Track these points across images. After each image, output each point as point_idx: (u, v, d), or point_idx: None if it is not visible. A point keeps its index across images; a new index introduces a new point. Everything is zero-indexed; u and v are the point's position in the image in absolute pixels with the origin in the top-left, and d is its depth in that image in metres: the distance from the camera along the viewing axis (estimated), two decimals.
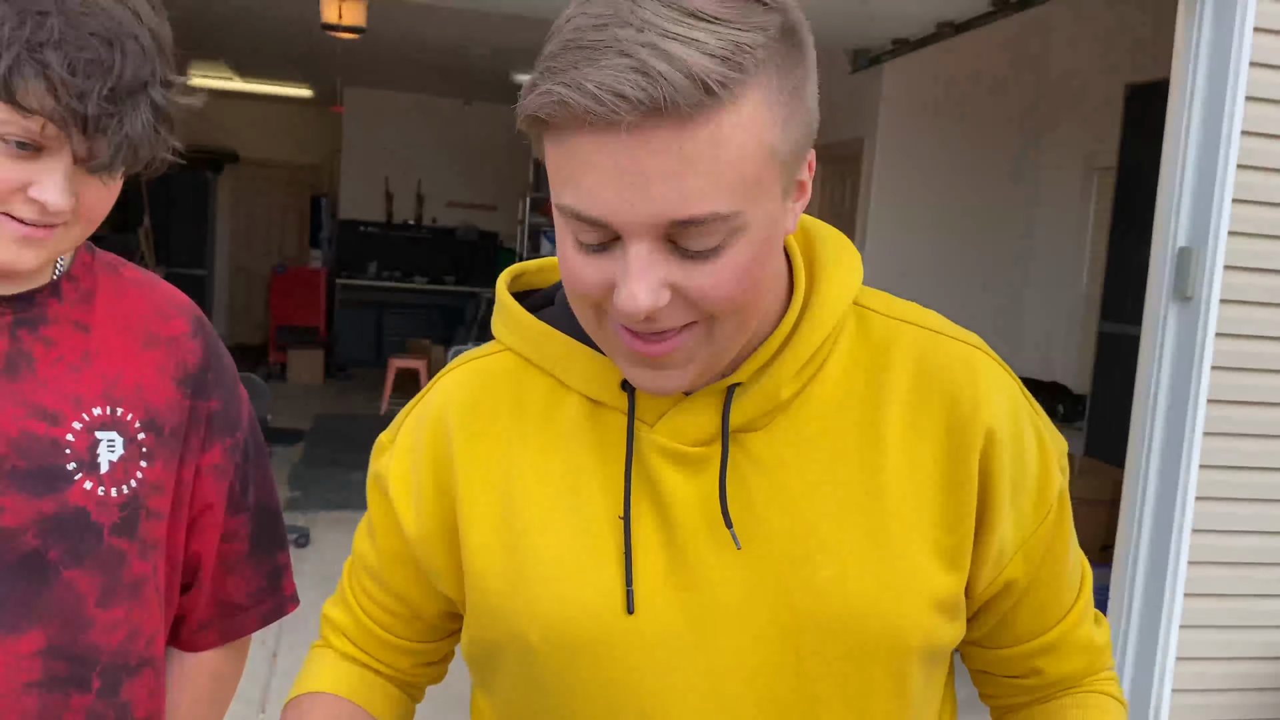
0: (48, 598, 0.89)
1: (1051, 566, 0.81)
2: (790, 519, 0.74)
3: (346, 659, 0.90)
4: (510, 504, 0.78)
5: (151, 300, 1.00)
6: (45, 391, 0.90)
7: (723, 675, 0.75)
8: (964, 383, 0.77)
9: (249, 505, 1.05)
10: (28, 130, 0.80)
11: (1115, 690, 0.88)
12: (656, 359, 0.69)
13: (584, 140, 0.63)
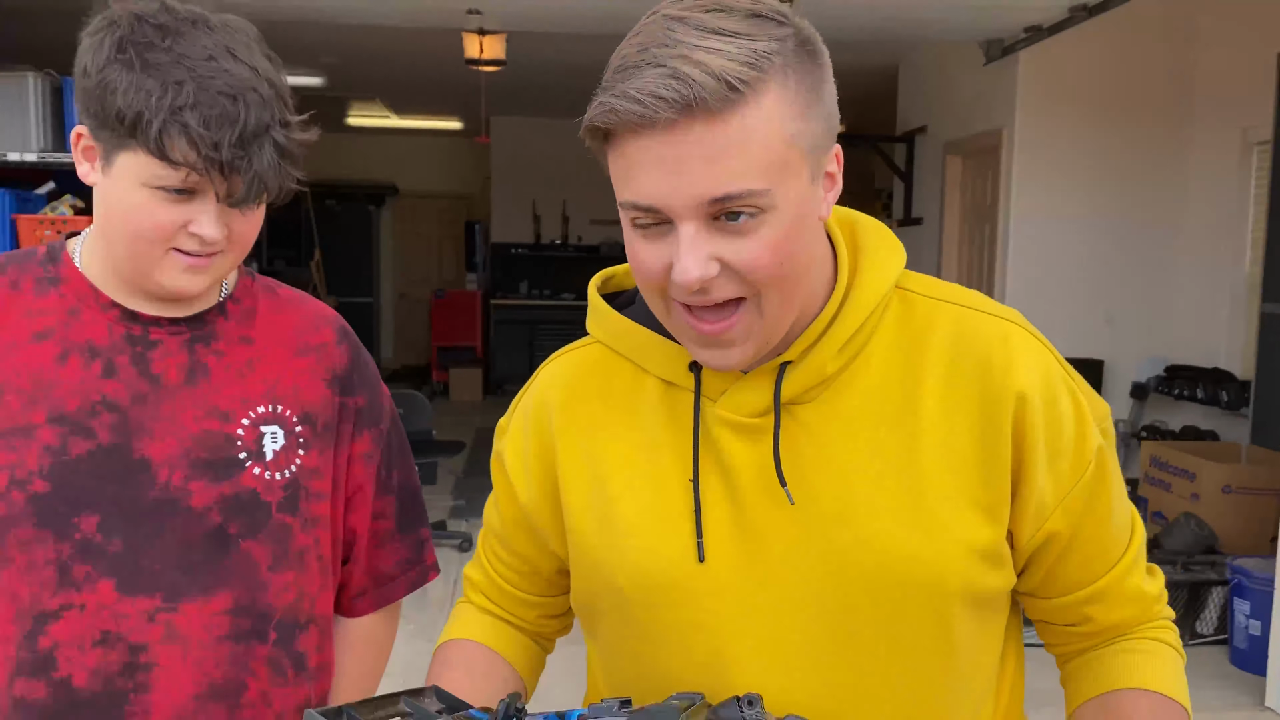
0: (231, 565, 1.07)
1: (1094, 520, 0.89)
2: (836, 480, 0.85)
3: (483, 612, 1.06)
4: (600, 472, 0.91)
5: (302, 314, 1.19)
6: (219, 395, 1.09)
7: (780, 616, 0.86)
8: (996, 353, 0.86)
9: (394, 487, 1.22)
10: (180, 180, 0.98)
11: (1169, 637, 0.94)
12: (717, 336, 0.81)
13: (632, 142, 0.76)
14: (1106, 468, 0.89)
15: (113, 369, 1.06)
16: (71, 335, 1.06)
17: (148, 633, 1.04)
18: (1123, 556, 0.92)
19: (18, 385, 1.04)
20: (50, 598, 1.02)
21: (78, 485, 1.03)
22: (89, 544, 1.03)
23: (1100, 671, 0.93)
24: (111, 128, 0.98)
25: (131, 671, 1.04)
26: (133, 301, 1.08)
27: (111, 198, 1.02)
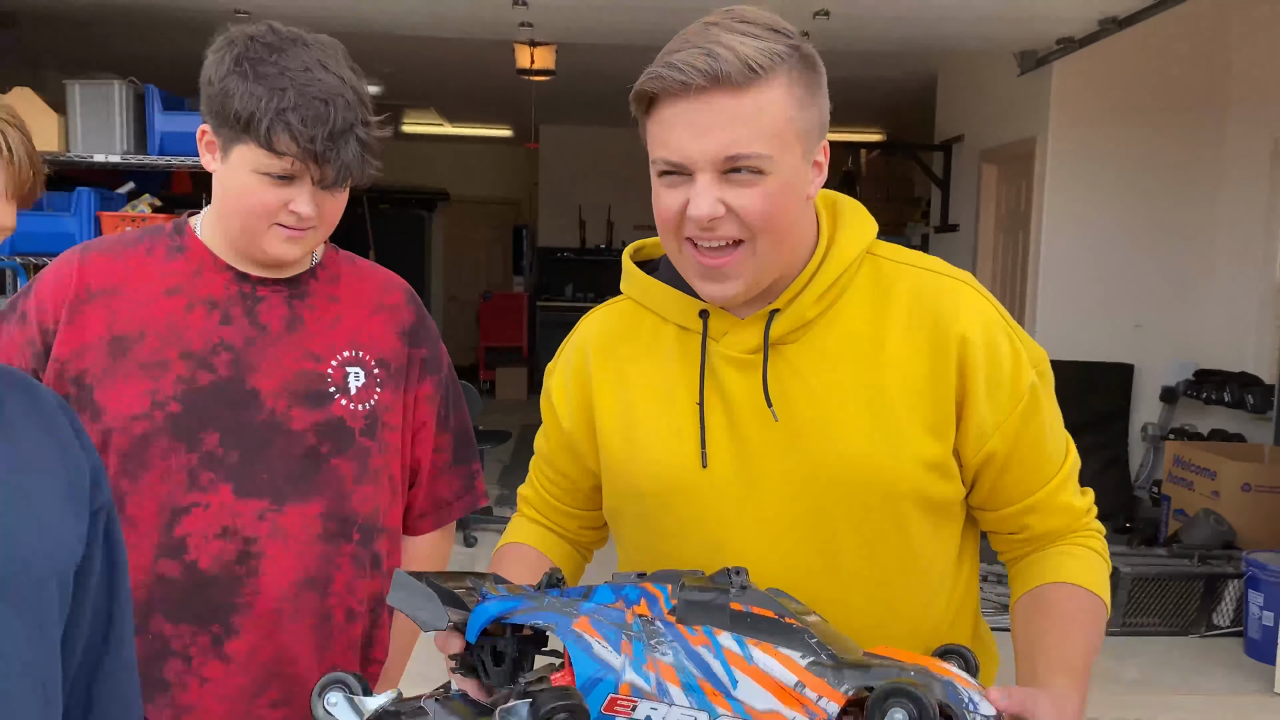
0: (323, 478, 1.32)
1: (1028, 443, 1.09)
2: (813, 404, 1.07)
3: (534, 523, 1.29)
4: (626, 400, 1.14)
5: (378, 280, 1.44)
6: (312, 342, 1.34)
7: (767, 513, 1.08)
8: (946, 305, 1.08)
9: (451, 427, 1.47)
10: (283, 167, 1.23)
11: (1094, 544, 1.15)
12: (718, 269, 1.03)
13: (669, 107, 0.99)
14: (1039, 401, 1.10)
15: (229, 318, 1.32)
16: (196, 291, 1.32)
17: (258, 529, 1.29)
18: (1055, 476, 1.12)
19: (156, 329, 1.30)
20: (182, 496, 1.28)
21: (203, 408, 1.29)
22: (212, 455, 1.29)
23: (1035, 570, 1.13)
24: (230, 125, 1.23)
25: (245, 559, 1.29)
26: (243, 265, 1.33)
27: (228, 182, 1.27)
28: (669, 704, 0.87)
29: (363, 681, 0.92)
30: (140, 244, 1.35)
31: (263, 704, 1.31)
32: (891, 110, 8.85)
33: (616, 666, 0.89)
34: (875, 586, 1.08)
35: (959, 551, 1.16)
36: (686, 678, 0.87)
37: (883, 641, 1.00)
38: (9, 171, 0.93)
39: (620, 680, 0.88)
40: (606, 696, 0.88)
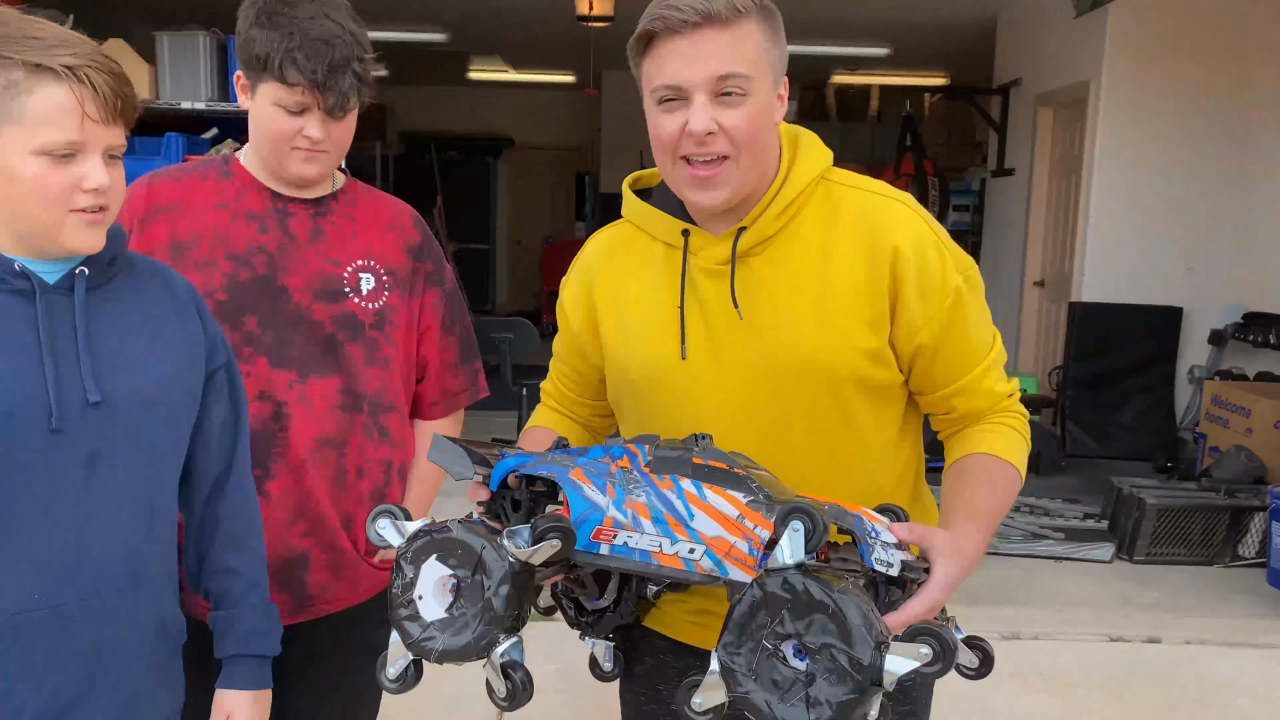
0: (338, 359, 1.61)
1: (953, 336, 1.30)
2: (772, 305, 1.28)
3: (552, 410, 1.53)
4: (622, 306, 1.37)
5: (389, 204, 1.73)
6: (333, 250, 1.63)
7: (734, 395, 1.30)
8: (883, 220, 1.28)
9: (456, 332, 1.76)
10: (295, 99, 1.51)
11: (1012, 422, 1.34)
12: (709, 179, 1.23)
13: (667, 43, 1.20)
14: (964, 300, 1.30)
15: (265, 227, 1.61)
16: (239, 206, 1.61)
17: (287, 394, 1.59)
18: (978, 365, 1.32)
19: (207, 236, 1.59)
20: None
21: (243, 298, 1.58)
22: (252, 335, 1.59)
23: (959, 445, 1.35)
24: (253, 67, 1.53)
25: (277, 418, 1.59)
26: (276, 187, 1.62)
27: (256, 116, 1.56)
28: (641, 533, 1.09)
29: (405, 511, 1.17)
30: (196, 171, 1.65)
31: (294, 534, 1.61)
32: (955, 54, 8.82)
33: (602, 505, 1.10)
34: (824, 456, 1.30)
35: (900, 430, 1.37)
36: (655, 513, 1.09)
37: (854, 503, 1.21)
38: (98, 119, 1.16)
39: (604, 516, 1.10)
40: (594, 528, 1.10)
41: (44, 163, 1.14)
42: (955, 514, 1.25)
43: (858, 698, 0.97)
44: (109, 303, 1.26)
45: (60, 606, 1.20)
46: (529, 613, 1.12)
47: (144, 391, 1.26)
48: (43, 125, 1.13)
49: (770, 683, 1.00)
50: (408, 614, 1.12)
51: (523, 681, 1.10)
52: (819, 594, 0.98)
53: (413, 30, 8.25)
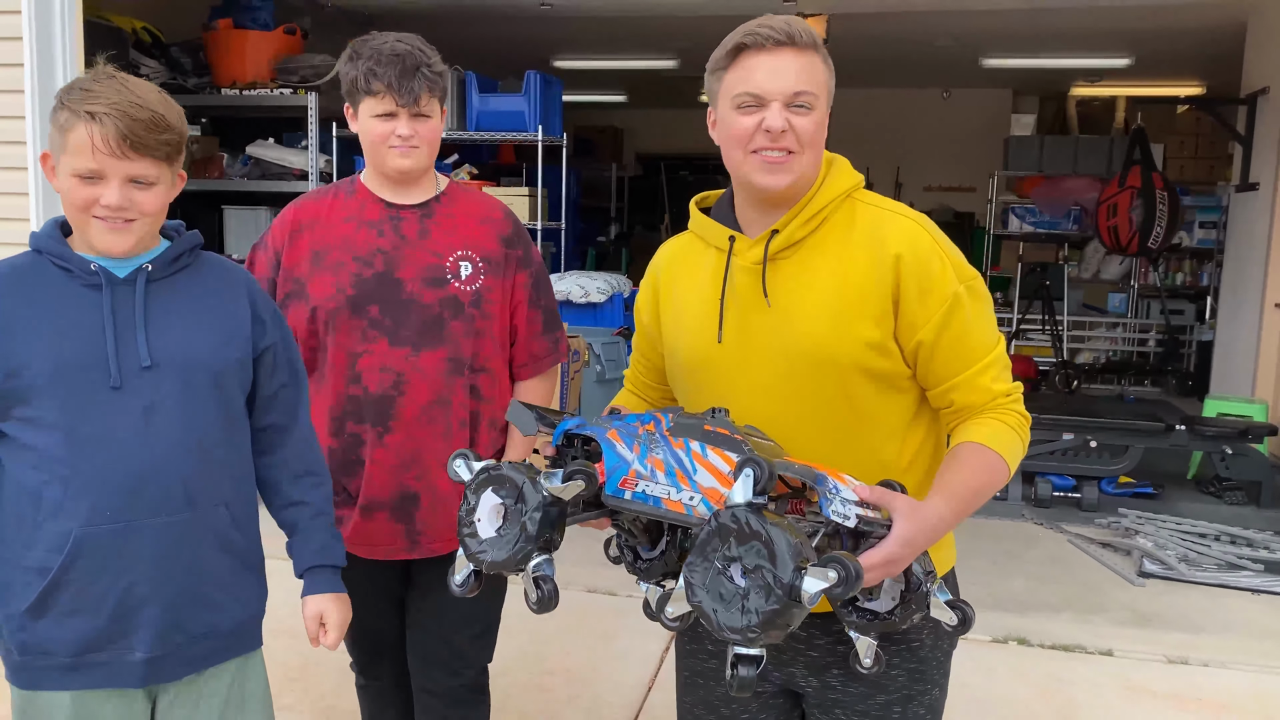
0: (444, 334, 2.01)
1: (950, 336, 1.47)
2: (793, 301, 1.51)
3: (630, 392, 1.82)
4: (679, 300, 1.64)
5: (485, 202, 2.13)
6: (436, 245, 2.03)
7: (759, 379, 1.53)
8: (891, 232, 1.49)
9: (541, 306, 2.14)
10: (384, 106, 1.93)
11: (1006, 417, 1.49)
12: (779, 164, 1.47)
13: (754, 56, 1.45)
14: (963, 304, 1.47)
15: (382, 232, 2.04)
16: (361, 216, 2.05)
17: (404, 366, 2.01)
18: (976, 364, 1.49)
19: (338, 244, 2.03)
20: (358, 346, 2.02)
21: (367, 292, 2.01)
22: (375, 320, 2.01)
23: (955, 435, 1.51)
24: (351, 93, 1.98)
25: (397, 385, 2.01)
26: (390, 197, 2.04)
27: (362, 132, 2.00)
28: (655, 482, 1.33)
29: (476, 455, 1.45)
30: (330, 192, 2.11)
31: (409, 477, 2.03)
32: (1201, 62, 8.31)
33: (629, 460, 1.36)
34: (830, 431, 1.51)
35: (910, 418, 1.55)
36: (668, 467, 1.33)
37: (837, 469, 1.42)
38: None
39: (630, 468, 1.35)
40: (621, 477, 1.36)
41: (76, 182, 1.50)
42: (932, 490, 1.43)
43: (779, 609, 1.16)
44: (170, 291, 1.60)
45: (131, 521, 1.53)
46: (560, 539, 1.38)
47: (191, 358, 1.59)
48: (75, 155, 1.49)
49: (718, 595, 1.21)
50: (469, 532, 1.40)
51: (550, 592, 1.35)
52: (756, 525, 1.19)
53: (647, 58, 8.77)
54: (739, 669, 1.23)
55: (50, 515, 1.53)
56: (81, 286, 1.55)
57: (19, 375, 1.51)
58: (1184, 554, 4.35)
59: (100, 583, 1.54)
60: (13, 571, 1.56)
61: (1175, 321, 8.84)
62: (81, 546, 1.52)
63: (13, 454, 1.55)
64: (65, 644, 1.56)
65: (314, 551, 1.76)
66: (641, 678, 3.33)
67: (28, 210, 4.42)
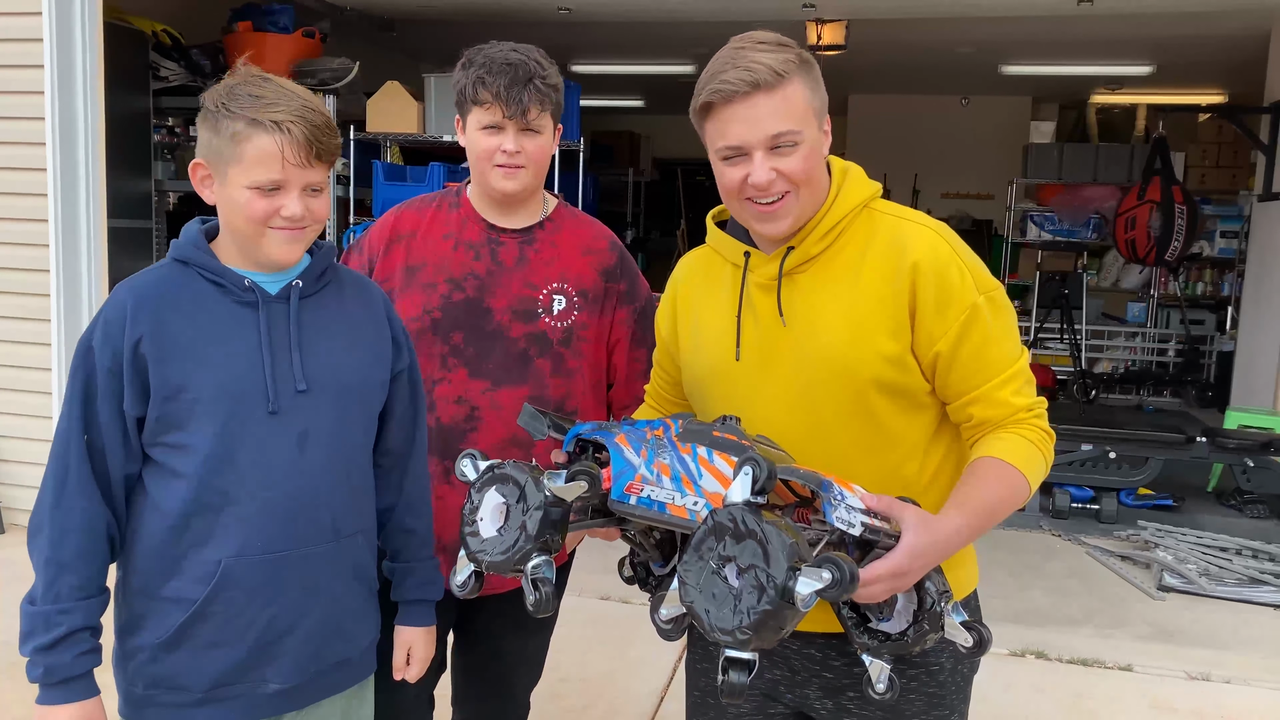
0: (528, 371, 1.89)
1: (969, 348, 1.42)
2: (810, 315, 1.47)
3: (650, 407, 1.78)
4: (696, 315, 1.60)
5: (590, 229, 2.00)
6: (532, 275, 1.91)
7: (776, 393, 1.49)
8: (910, 242, 1.45)
9: (647, 345, 1.97)
10: (491, 117, 1.80)
11: (1026, 432, 1.43)
12: (772, 213, 1.44)
13: (724, 110, 1.40)
14: (982, 316, 1.42)
15: (479, 255, 1.91)
16: (461, 236, 1.92)
17: (480, 400, 1.89)
18: (995, 377, 1.43)
19: (433, 261, 1.91)
20: (436, 372, 1.89)
21: (455, 315, 1.88)
22: (457, 348, 1.89)
23: (974, 450, 1.46)
24: (461, 103, 1.85)
25: (470, 420, 1.89)
26: (492, 218, 1.92)
27: (468, 146, 1.86)
28: (660, 487, 1.30)
29: (483, 455, 1.41)
30: (433, 203, 1.97)
31: None
32: (1224, 70, 8.23)
33: (635, 465, 1.33)
34: (849, 446, 1.47)
35: (932, 435, 1.50)
36: (674, 472, 1.30)
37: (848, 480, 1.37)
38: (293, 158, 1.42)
39: (636, 473, 1.33)
40: (627, 482, 1.33)
41: (254, 194, 1.43)
42: (947, 504, 1.38)
43: (772, 610, 1.12)
44: (318, 309, 1.54)
45: (279, 551, 1.47)
46: (561, 542, 1.35)
47: (342, 382, 1.53)
48: (255, 166, 1.42)
49: (710, 594, 1.18)
50: (470, 531, 1.38)
51: (548, 594, 1.32)
52: (753, 525, 1.16)
53: (665, 64, 8.75)
54: (729, 674, 1.19)
55: (196, 544, 1.46)
56: (234, 304, 1.48)
57: (177, 399, 1.43)
58: (1205, 568, 4.29)
59: (245, 615, 1.48)
60: (147, 602, 1.48)
61: (1195, 331, 8.76)
62: (230, 577, 1.46)
63: (158, 480, 1.46)
64: (201, 677, 1.49)
65: (416, 585, 1.74)
66: (656, 686, 3.30)
67: (46, 211, 4.44)
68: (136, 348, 1.42)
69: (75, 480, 1.43)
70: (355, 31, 6.68)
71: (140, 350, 1.43)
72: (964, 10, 6.34)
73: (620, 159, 11.29)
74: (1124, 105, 9.92)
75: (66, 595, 1.42)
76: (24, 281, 4.55)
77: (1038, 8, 5.93)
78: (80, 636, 1.43)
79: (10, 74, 4.46)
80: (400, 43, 7.36)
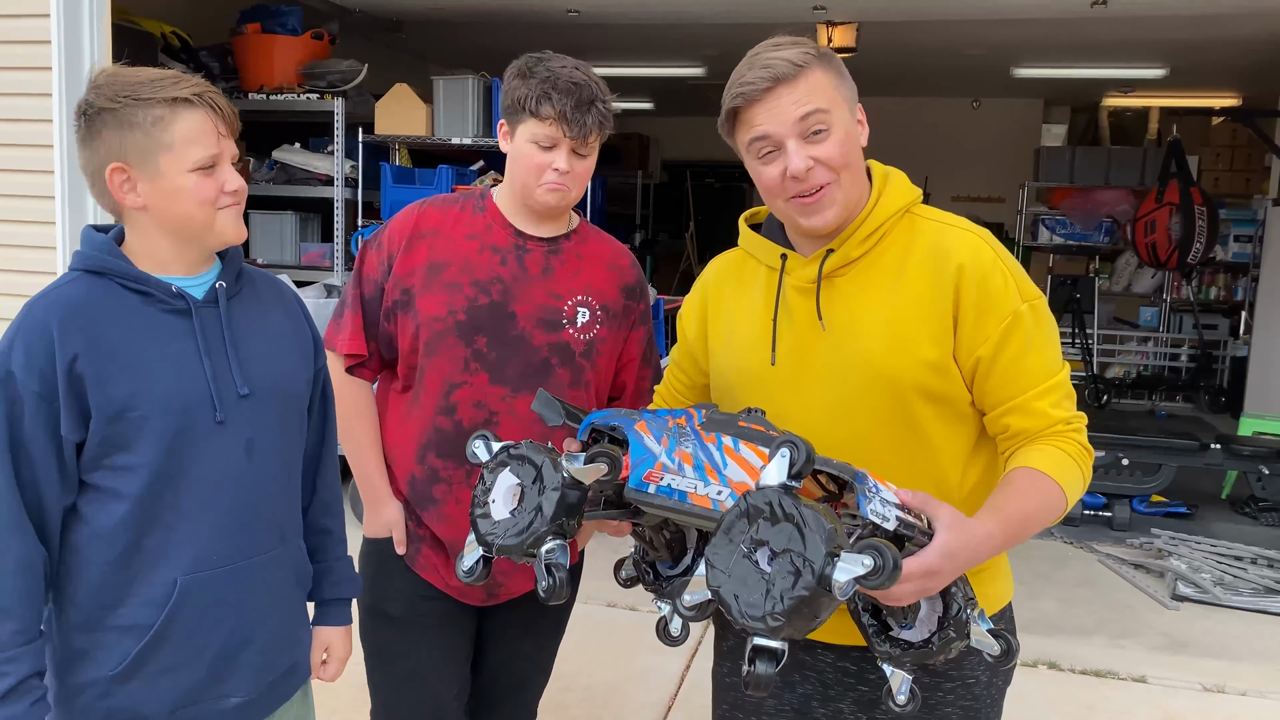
0: (549, 380, 1.85)
1: (1009, 354, 1.39)
2: (849, 320, 1.44)
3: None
4: (728, 318, 1.58)
5: (613, 247, 1.98)
6: (557, 285, 1.87)
7: (814, 399, 1.46)
8: (953, 245, 1.42)
9: (652, 364, 1.98)
10: (548, 134, 1.76)
11: (1064, 444, 1.39)
12: (816, 204, 1.41)
13: (750, 109, 1.39)
14: (1024, 323, 1.39)
15: (505, 261, 1.86)
16: (487, 239, 1.87)
17: (499, 406, 1.85)
18: (1034, 387, 1.40)
19: (457, 262, 1.86)
20: (457, 375, 1.85)
21: (478, 319, 1.84)
22: (479, 352, 1.85)
23: (1010, 462, 1.42)
24: (514, 111, 1.79)
25: (488, 425, 1.85)
26: (520, 224, 1.88)
27: (514, 154, 1.82)
28: (682, 476, 1.25)
29: (495, 436, 1.38)
30: (457, 203, 1.93)
31: None
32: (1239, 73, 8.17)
33: (656, 452, 1.28)
34: (888, 454, 1.43)
35: (971, 450, 1.47)
36: (696, 461, 1.25)
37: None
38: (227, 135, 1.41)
39: (656, 460, 1.27)
40: (646, 470, 1.27)
41: (198, 176, 1.37)
42: (981, 510, 1.34)
43: (807, 595, 1.08)
44: (242, 311, 1.49)
45: (234, 562, 1.45)
46: (576, 527, 1.31)
47: (278, 384, 1.51)
48: (190, 145, 1.36)
49: (741, 580, 1.13)
50: (481, 514, 1.33)
51: (561, 580, 1.28)
52: (790, 508, 1.11)
53: (674, 65, 8.72)
54: (757, 664, 1.14)
55: (148, 566, 1.40)
56: (163, 312, 1.41)
57: (123, 418, 1.36)
58: (1219, 577, 4.24)
59: (202, 632, 1.44)
60: (91, 635, 1.41)
61: (1208, 336, 8.69)
62: (187, 595, 1.41)
63: (97, 506, 1.39)
64: (161, 703, 1.43)
65: (333, 584, 1.71)
66: (662, 697, 3.26)
67: (53, 214, 4.43)
68: (71, 368, 1.33)
69: (7, 520, 1.33)
70: (362, 32, 6.67)
71: (76, 370, 1.33)
72: (976, 12, 6.30)
73: (628, 161, 11.26)
74: (1136, 108, 9.84)
75: (10, 642, 1.34)
76: (32, 285, 4.53)
77: (1051, 10, 5.88)
78: (30, 684, 1.35)
79: (18, 76, 4.46)
80: (408, 44, 7.35)
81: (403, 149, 5.80)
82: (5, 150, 4.52)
